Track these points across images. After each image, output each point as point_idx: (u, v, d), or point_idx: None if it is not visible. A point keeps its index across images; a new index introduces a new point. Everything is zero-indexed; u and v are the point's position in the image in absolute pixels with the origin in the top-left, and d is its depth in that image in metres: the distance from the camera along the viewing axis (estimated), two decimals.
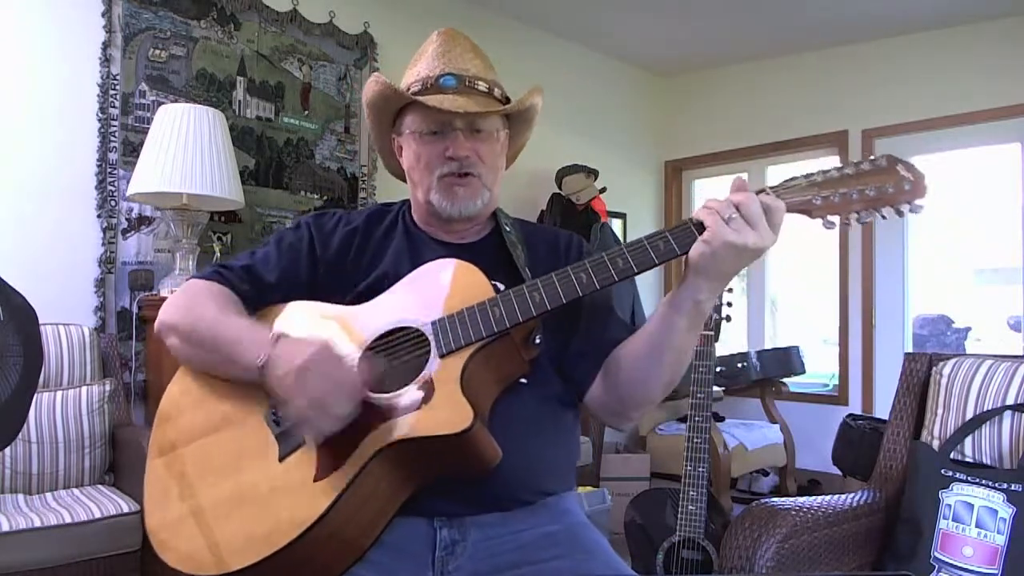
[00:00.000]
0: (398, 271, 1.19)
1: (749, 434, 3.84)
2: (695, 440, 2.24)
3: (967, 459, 1.67)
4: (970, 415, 1.70)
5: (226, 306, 1.15)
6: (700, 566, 2.15)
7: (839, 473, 3.32)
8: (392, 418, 1.01)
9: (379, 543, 1.03)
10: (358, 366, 1.05)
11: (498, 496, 1.10)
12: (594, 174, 4.11)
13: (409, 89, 1.22)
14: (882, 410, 3.40)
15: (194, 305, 1.15)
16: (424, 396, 1.01)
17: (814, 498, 1.67)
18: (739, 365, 3.84)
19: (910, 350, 2.76)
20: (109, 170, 2.76)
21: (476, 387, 1.04)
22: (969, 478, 1.57)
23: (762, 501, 1.61)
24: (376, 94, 1.23)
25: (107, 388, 2.41)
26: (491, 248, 1.26)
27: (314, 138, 3.37)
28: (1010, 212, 3.94)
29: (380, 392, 1.03)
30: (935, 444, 1.73)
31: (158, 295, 2.69)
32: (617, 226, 4.72)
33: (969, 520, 1.54)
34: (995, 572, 1.48)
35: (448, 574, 1.07)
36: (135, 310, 2.79)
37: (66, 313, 2.56)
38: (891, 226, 4.12)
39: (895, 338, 4.27)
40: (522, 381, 1.12)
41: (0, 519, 1.91)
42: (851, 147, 4.38)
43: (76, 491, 2.23)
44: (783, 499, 1.63)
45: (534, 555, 1.08)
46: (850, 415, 3.26)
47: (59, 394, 2.31)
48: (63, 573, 1.96)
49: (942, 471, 1.62)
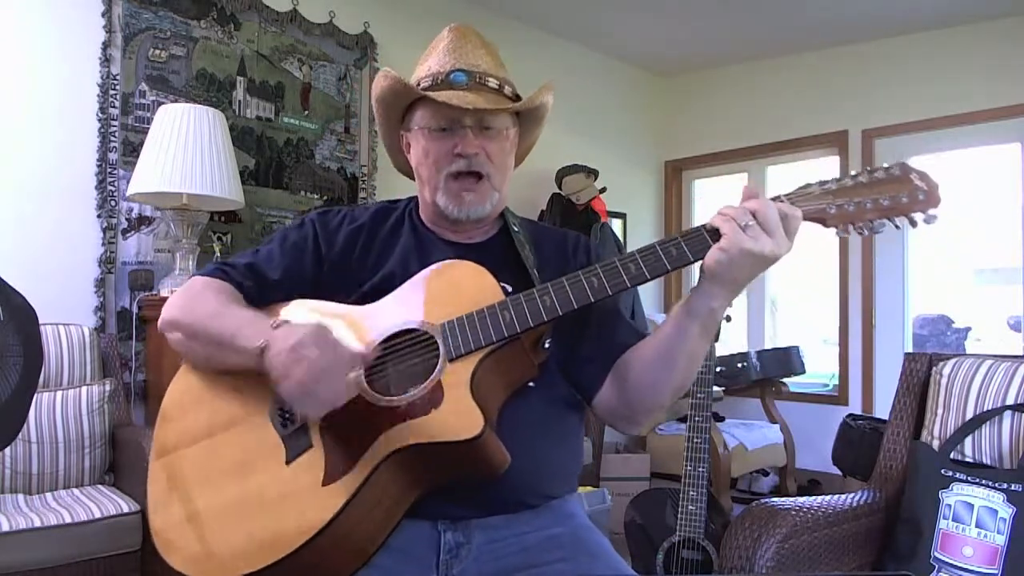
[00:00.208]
0: (405, 270, 1.17)
1: (749, 434, 3.84)
2: (695, 440, 2.24)
3: (967, 459, 1.67)
4: (970, 415, 1.70)
5: (228, 300, 1.14)
6: (700, 566, 2.15)
7: (839, 473, 3.32)
8: (401, 422, 0.99)
9: (384, 546, 1.02)
10: (360, 354, 1.03)
11: (503, 499, 1.10)
12: (594, 174, 4.11)
13: (419, 84, 1.20)
14: (882, 410, 3.40)
15: (196, 301, 1.14)
16: (434, 400, 1.00)
17: (814, 498, 1.67)
18: (739, 365, 3.84)
19: (910, 350, 2.76)
20: (109, 170, 2.76)
21: (485, 392, 1.02)
22: (969, 478, 1.57)
23: (762, 501, 1.60)
24: (386, 89, 1.21)
25: (107, 388, 2.41)
26: (499, 248, 1.24)
27: (314, 138, 3.36)
28: (1010, 212, 3.94)
29: (388, 394, 1.02)
30: (935, 444, 1.73)
31: (158, 295, 2.69)
32: (617, 226, 4.71)
33: (969, 520, 1.54)
34: (995, 572, 1.48)
35: None
36: (135, 310, 2.80)
37: (66, 313, 2.56)
38: (891, 226, 4.12)
39: (895, 338, 4.26)
40: (529, 384, 1.11)
41: (0, 519, 1.91)
42: (851, 147, 4.38)
43: (76, 491, 2.23)
44: (783, 499, 1.63)
45: (538, 558, 1.08)
46: (850, 415, 3.26)
47: (59, 394, 2.31)
48: (63, 573, 1.96)
49: (942, 471, 1.61)
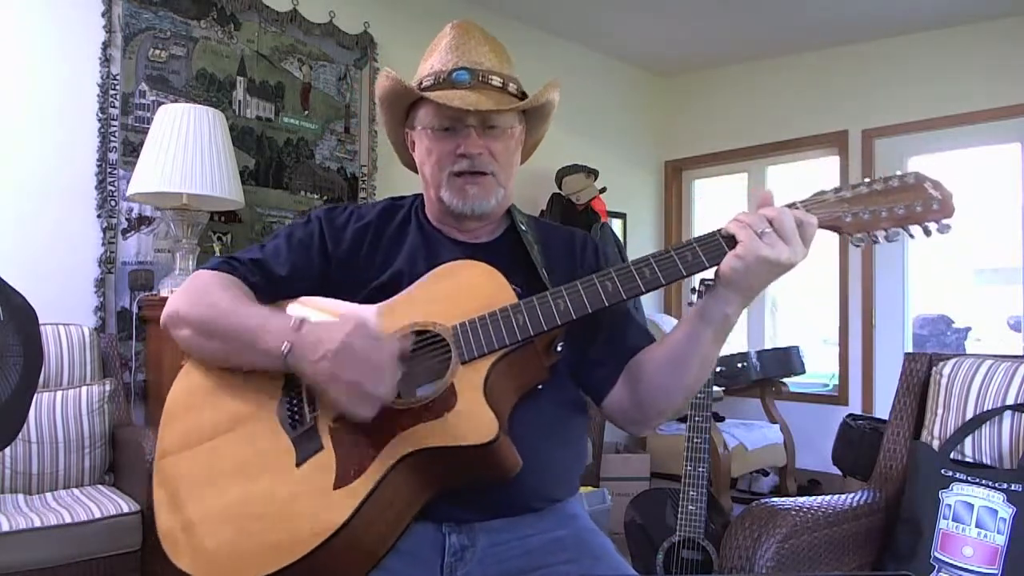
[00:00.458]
0: (413, 270, 1.15)
1: (749, 434, 3.84)
2: (695, 440, 2.24)
3: (967, 459, 1.66)
4: (970, 415, 1.69)
5: (240, 295, 1.11)
6: (700, 566, 2.15)
7: (839, 473, 3.32)
8: (414, 425, 0.98)
9: (392, 549, 1.01)
10: (398, 339, 1.01)
11: (508, 503, 1.09)
12: (594, 174, 4.11)
13: (421, 83, 1.19)
14: (882, 410, 3.40)
15: (206, 295, 1.11)
16: (447, 403, 0.99)
17: (814, 498, 1.67)
18: (739, 365, 3.83)
19: (910, 350, 2.76)
20: (109, 170, 2.76)
21: (498, 395, 1.01)
22: (969, 478, 1.57)
23: (762, 501, 1.60)
24: (387, 89, 1.20)
25: (107, 388, 2.41)
26: (507, 247, 1.23)
27: (314, 138, 3.36)
28: (1010, 212, 3.94)
29: (401, 397, 1.01)
30: (935, 444, 1.73)
31: (158, 295, 2.69)
32: (617, 226, 4.71)
33: (969, 520, 1.54)
34: (995, 572, 1.48)
35: None
36: (135, 310, 2.80)
37: (66, 313, 2.56)
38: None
39: (895, 338, 4.26)
40: (537, 387, 1.10)
41: (0, 519, 1.91)
42: (851, 147, 4.38)
43: (76, 491, 2.23)
44: (783, 499, 1.63)
45: (542, 560, 1.08)
46: (850, 415, 3.26)
47: (59, 394, 2.31)
48: (63, 573, 1.96)
49: (942, 471, 1.61)
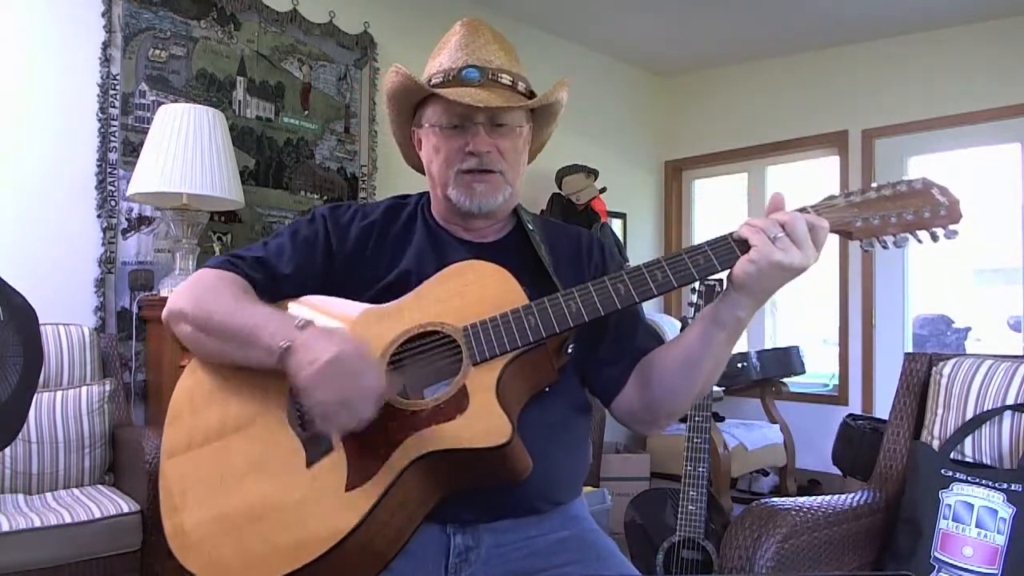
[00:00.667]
0: (422, 270, 1.15)
1: (749, 434, 3.84)
2: (695, 440, 2.24)
3: (967, 459, 1.66)
4: (970, 415, 1.70)
5: (243, 294, 1.10)
6: (700, 566, 2.15)
7: (839, 473, 3.32)
8: (426, 427, 0.98)
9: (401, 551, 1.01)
10: (387, 374, 1.01)
11: (514, 505, 1.09)
12: (594, 174, 4.10)
13: (430, 81, 1.18)
14: (882, 410, 3.40)
15: (209, 292, 1.10)
16: (459, 406, 0.98)
17: (814, 498, 1.67)
18: (739, 365, 3.83)
19: (910, 350, 2.76)
20: (109, 170, 2.76)
21: (509, 397, 1.01)
22: (969, 478, 1.57)
23: (762, 501, 1.60)
24: (396, 85, 1.19)
25: (107, 388, 2.41)
26: (515, 247, 1.23)
27: (314, 138, 3.36)
28: (1010, 212, 3.94)
29: (403, 396, 1.00)
30: (935, 444, 1.73)
31: (158, 295, 2.69)
32: (617, 226, 4.71)
33: (969, 520, 1.54)
34: (995, 572, 1.48)
35: None
36: (135, 310, 2.79)
37: (66, 313, 2.56)
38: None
39: (895, 338, 4.26)
40: (545, 389, 1.10)
41: (0, 519, 1.91)
42: (851, 147, 4.38)
43: (76, 491, 2.23)
44: (783, 499, 1.63)
45: (547, 561, 1.08)
46: (850, 415, 3.26)
47: (59, 394, 2.31)
48: (63, 573, 1.96)
49: (942, 471, 1.61)
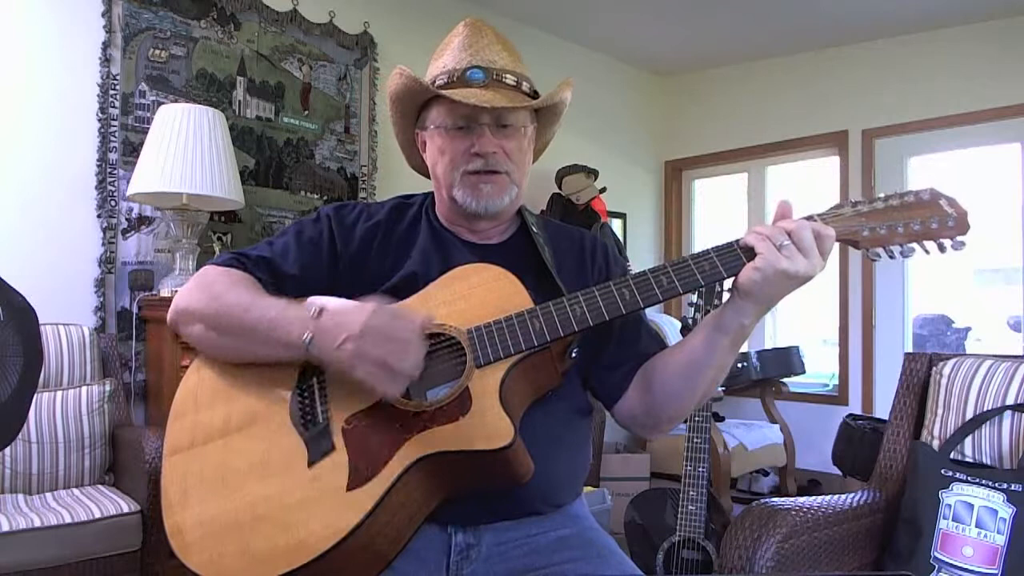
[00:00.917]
0: (427, 272, 1.14)
1: (749, 434, 3.84)
2: (695, 440, 2.24)
3: (967, 459, 1.67)
4: (970, 415, 1.70)
5: (254, 289, 1.10)
6: (700, 566, 2.15)
7: (839, 473, 3.31)
8: (429, 428, 0.98)
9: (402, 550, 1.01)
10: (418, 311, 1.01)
11: (515, 507, 1.10)
12: (594, 174, 4.10)
13: (435, 82, 1.18)
14: (882, 410, 3.40)
15: (218, 290, 1.09)
16: (462, 407, 0.99)
17: (814, 498, 1.67)
18: (739, 365, 3.83)
19: (910, 350, 2.77)
20: (109, 170, 2.76)
21: (512, 400, 1.02)
22: (969, 478, 1.57)
23: (762, 501, 1.60)
24: (401, 87, 1.19)
25: (107, 388, 2.41)
26: (519, 249, 1.22)
27: (314, 138, 3.36)
28: (1010, 212, 3.94)
29: (406, 397, 1.00)
30: (935, 444, 1.73)
31: (158, 295, 2.70)
32: (617, 226, 4.71)
33: (969, 520, 1.54)
34: (995, 572, 1.48)
35: None
36: (135, 310, 2.80)
37: (66, 313, 2.56)
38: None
39: (895, 338, 4.26)
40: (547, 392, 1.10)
41: (0, 519, 1.91)
42: (851, 147, 4.38)
43: (76, 491, 2.23)
44: (783, 499, 1.63)
45: (548, 558, 1.09)
46: (850, 415, 3.26)
47: (59, 394, 2.31)
48: (63, 573, 1.96)
49: (942, 471, 1.61)
